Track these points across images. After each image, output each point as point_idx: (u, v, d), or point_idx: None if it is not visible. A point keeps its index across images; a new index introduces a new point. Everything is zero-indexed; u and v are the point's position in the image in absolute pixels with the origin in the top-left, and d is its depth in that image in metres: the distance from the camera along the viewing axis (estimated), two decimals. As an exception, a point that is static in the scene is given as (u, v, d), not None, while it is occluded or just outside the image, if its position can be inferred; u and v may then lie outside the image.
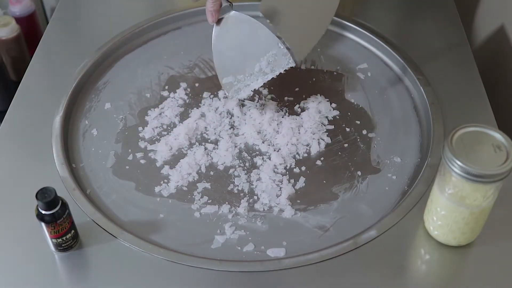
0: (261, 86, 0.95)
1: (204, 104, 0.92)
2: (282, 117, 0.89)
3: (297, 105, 0.92)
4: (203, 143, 0.87)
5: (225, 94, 0.90)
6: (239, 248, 0.75)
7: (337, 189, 0.81)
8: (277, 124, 0.88)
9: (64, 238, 0.71)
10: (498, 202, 0.69)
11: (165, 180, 0.82)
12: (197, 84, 0.97)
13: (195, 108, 0.92)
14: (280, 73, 0.87)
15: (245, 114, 0.90)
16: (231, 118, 0.90)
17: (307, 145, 0.86)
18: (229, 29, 0.85)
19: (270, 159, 0.84)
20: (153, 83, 0.97)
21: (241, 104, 0.91)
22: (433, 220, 0.73)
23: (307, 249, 0.74)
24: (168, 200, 0.80)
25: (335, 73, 0.98)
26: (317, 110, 0.90)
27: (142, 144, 0.87)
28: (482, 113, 0.89)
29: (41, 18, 1.38)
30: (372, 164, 0.85)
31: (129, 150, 0.86)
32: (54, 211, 0.68)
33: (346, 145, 0.87)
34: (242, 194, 0.81)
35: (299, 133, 0.87)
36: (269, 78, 0.86)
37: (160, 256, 0.73)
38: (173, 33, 1.06)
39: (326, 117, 0.90)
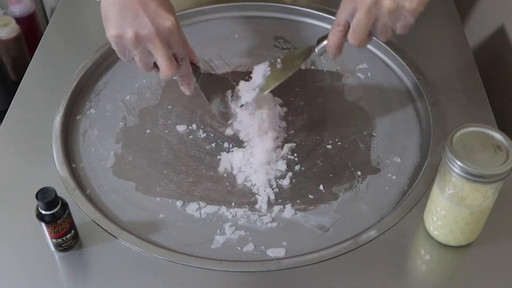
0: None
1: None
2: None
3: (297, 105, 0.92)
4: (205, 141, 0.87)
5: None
6: (239, 248, 0.75)
7: (337, 189, 0.81)
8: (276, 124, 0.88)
9: (64, 238, 0.71)
10: (498, 202, 0.69)
11: (165, 180, 0.82)
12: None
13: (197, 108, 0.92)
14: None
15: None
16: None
17: (306, 145, 0.86)
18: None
19: (269, 158, 0.84)
20: (153, 83, 0.97)
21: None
22: (433, 220, 0.73)
23: (307, 249, 0.74)
24: (168, 200, 0.80)
25: (335, 73, 0.98)
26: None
27: (142, 144, 0.87)
28: (482, 113, 0.89)
29: (41, 18, 1.38)
30: (372, 164, 0.85)
31: (129, 150, 0.86)
32: (54, 211, 0.68)
33: (346, 145, 0.87)
34: (242, 194, 0.81)
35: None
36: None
37: (160, 256, 0.73)
38: (173, 33, 1.06)
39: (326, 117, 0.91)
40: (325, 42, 0.79)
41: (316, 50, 0.80)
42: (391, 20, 0.71)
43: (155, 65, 0.77)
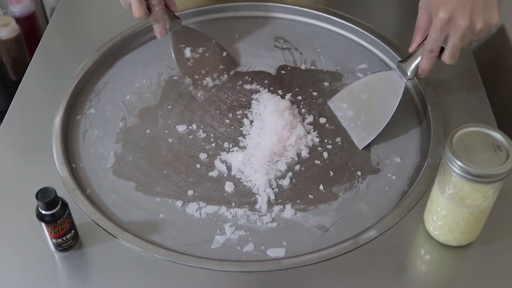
0: (260, 86, 0.95)
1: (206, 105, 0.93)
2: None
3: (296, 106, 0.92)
4: (205, 143, 0.87)
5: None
6: (239, 248, 0.75)
7: (337, 189, 0.81)
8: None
9: (64, 238, 0.71)
10: (498, 202, 0.69)
11: (165, 180, 0.82)
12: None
13: (197, 109, 0.92)
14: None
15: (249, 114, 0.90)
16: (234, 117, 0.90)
17: (306, 145, 0.86)
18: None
19: (269, 158, 0.84)
20: (153, 83, 0.97)
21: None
22: (433, 220, 0.73)
23: (307, 249, 0.74)
24: (168, 200, 0.80)
25: (335, 73, 0.98)
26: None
27: (142, 144, 0.87)
28: (482, 113, 0.89)
29: (41, 18, 1.38)
30: (372, 164, 0.85)
31: (129, 150, 0.86)
32: (54, 211, 0.68)
33: (346, 145, 0.87)
34: (242, 194, 0.81)
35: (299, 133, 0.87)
36: None
37: (160, 256, 0.73)
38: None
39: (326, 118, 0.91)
40: (413, 64, 0.84)
41: (409, 73, 0.85)
42: (480, 36, 0.76)
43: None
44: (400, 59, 0.90)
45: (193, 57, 0.92)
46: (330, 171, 0.83)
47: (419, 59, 0.83)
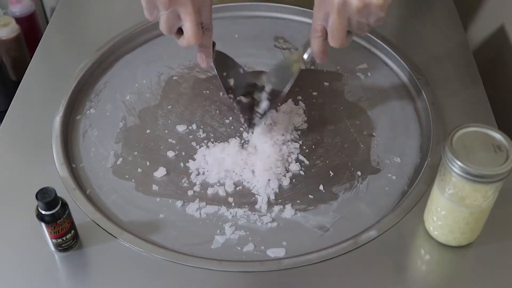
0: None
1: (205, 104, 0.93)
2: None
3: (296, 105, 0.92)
4: (204, 142, 0.87)
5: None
6: (239, 248, 0.75)
7: (337, 189, 0.81)
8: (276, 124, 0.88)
9: (64, 238, 0.71)
10: (498, 202, 0.69)
11: (165, 180, 0.82)
12: (197, 85, 0.97)
13: (197, 109, 0.92)
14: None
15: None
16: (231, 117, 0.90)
17: (306, 145, 0.86)
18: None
19: (269, 158, 0.84)
20: (153, 83, 0.97)
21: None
22: (433, 220, 0.73)
23: (307, 249, 0.74)
24: (168, 200, 0.80)
25: (335, 73, 0.98)
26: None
27: (142, 144, 0.87)
28: (482, 113, 0.89)
29: (41, 18, 1.38)
30: (372, 164, 0.85)
31: (129, 150, 0.86)
32: (54, 211, 0.68)
33: (346, 145, 0.87)
34: (242, 194, 0.81)
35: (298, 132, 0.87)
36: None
37: (160, 256, 0.73)
38: (173, 33, 1.06)
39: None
40: (310, 49, 0.79)
41: (305, 58, 0.81)
42: (363, 17, 0.71)
43: (178, 30, 0.76)
44: (399, 58, 0.88)
45: (234, 84, 0.86)
46: (330, 171, 0.83)
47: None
